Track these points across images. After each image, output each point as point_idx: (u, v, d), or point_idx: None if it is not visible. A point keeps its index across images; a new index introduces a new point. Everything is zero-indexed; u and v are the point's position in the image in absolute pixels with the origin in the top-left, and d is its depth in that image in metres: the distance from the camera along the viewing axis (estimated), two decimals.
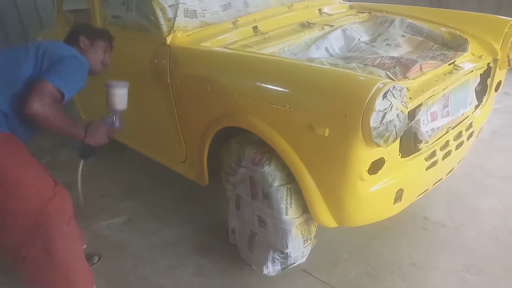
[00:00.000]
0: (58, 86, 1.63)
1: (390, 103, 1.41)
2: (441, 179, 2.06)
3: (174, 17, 2.12)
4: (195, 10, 2.20)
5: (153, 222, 2.60)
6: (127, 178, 3.14)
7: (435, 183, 2.02)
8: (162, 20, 2.13)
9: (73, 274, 1.75)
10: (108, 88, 1.94)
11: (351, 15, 2.59)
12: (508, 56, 2.11)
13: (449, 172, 2.11)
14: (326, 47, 2.18)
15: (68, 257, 1.72)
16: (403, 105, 1.46)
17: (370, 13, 2.59)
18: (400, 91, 1.44)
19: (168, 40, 2.11)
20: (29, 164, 1.65)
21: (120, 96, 1.96)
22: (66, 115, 1.71)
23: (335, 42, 2.23)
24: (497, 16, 2.28)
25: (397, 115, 1.45)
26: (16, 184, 1.56)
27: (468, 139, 2.09)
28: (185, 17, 2.16)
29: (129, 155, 3.13)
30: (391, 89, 1.41)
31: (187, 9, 2.16)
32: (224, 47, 2.06)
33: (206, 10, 2.23)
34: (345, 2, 2.86)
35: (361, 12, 2.62)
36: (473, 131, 2.12)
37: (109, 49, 2.06)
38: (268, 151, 1.79)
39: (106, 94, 1.95)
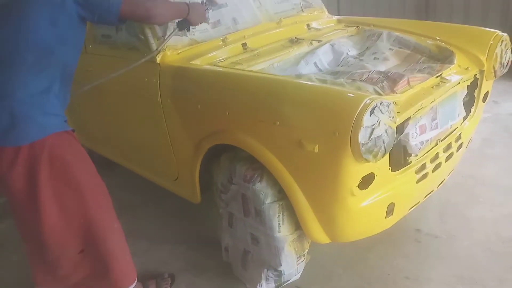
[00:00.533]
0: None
1: (378, 118, 1.43)
2: (432, 191, 2.07)
3: (163, 36, 2.13)
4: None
5: (146, 241, 2.57)
6: (118, 196, 3.07)
7: (426, 195, 2.03)
8: (151, 39, 2.14)
9: (126, 271, 1.80)
10: None
11: (339, 29, 2.62)
12: (494, 67, 2.14)
13: (440, 184, 2.12)
14: (315, 62, 2.20)
15: (119, 253, 1.76)
16: (391, 120, 1.47)
17: (358, 27, 2.62)
18: (388, 106, 1.45)
19: (158, 58, 2.11)
20: (89, 165, 1.70)
21: None
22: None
23: (324, 57, 2.25)
24: (482, 28, 2.32)
25: (385, 130, 1.46)
26: (79, 183, 1.60)
27: (457, 150, 2.10)
28: (175, 35, 2.17)
29: (121, 173, 3.11)
30: (379, 104, 1.42)
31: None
32: (214, 65, 2.08)
33: (196, 28, 2.24)
34: (333, 17, 2.90)
35: (349, 26, 2.66)
36: (462, 142, 2.14)
37: None
38: (259, 168, 1.79)
39: None
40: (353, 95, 1.53)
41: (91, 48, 2.63)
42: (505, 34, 2.17)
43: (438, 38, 2.32)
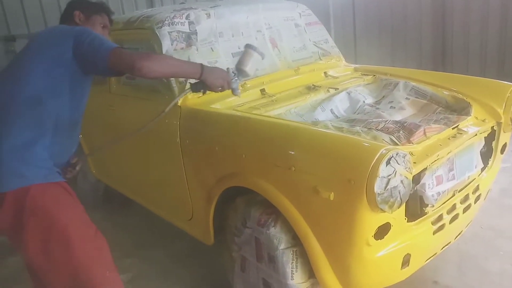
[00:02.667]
0: (113, 47, 1.59)
1: (393, 169, 1.44)
2: (450, 242, 2.03)
3: (186, 80, 2.21)
4: None
5: (157, 281, 2.56)
6: (133, 234, 3.13)
7: (443, 247, 1.99)
8: (174, 82, 2.23)
9: None
10: (246, 47, 1.94)
11: (356, 77, 2.68)
12: (511, 120, 2.14)
13: (457, 236, 2.09)
14: (332, 109, 2.25)
15: None
16: (407, 171, 1.48)
17: (374, 75, 2.68)
18: (404, 157, 1.46)
19: (179, 101, 2.19)
20: (76, 214, 1.64)
21: (254, 59, 1.92)
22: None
23: (340, 104, 2.29)
24: (499, 81, 2.34)
25: (401, 181, 1.46)
26: (63, 234, 1.56)
27: (475, 201, 2.08)
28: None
29: (136, 210, 3.14)
30: (395, 155, 1.44)
31: None
32: (233, 109, 2.13)
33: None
34: (350, 65, 2.97)
35: (365, 75, 2.71)
36: (480, 194, 2.11)
37: (108, 24, 1.95)
38: (274, 213, 1.80)
39: (242, 53, 1.95)
40: (369, 144, 1.55)
41: (114, 89, 2.74)
42: None
43: (454, 89, 2.35)
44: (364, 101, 2.34)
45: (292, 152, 1.68)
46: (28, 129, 1.56)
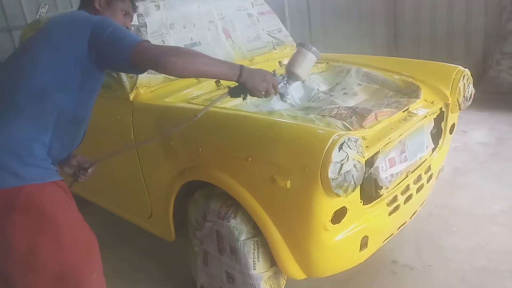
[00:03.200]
0: (138, 41, 1.44)
1: (346, 154, 1.46)
2: (405, 222, 2.10)
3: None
4: None
5: (121, 281, 2.49)
6: (95, 234, 3.03)
7: (399, 227, 2.05)
8: (124, 77, 2.16)
9: None
10: (300, 47, 1.70)
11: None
12: (458, 101, 2.23)
13: (412, 215, 2.16)
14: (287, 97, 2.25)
15: None
16: (359, 155, 1.50)
17: (328, 63, 2.71)
18: (355, 142, 1.49)
19: (131, 96, 2.13)
20: (71, 214, 1.55)
21: (308, 60, 1.69)
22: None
23: (295, 92, 2.31)
24: (446, 63, 2.43)
25: (354, 165, 1.49)
26: (55, 234, 1.45)
27: (428, 181, 2.15)
28: (148, 73, 2.17)
29: (94, 211, 3.05)
30: (347, 140, 1.46)
31: None
32: (187, 102, 2.10)
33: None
34: None
35: (319, 63, 2.73)
36: (432, 173, 2.19)
37: (131, 11, 1.78)
38: (233, 204, 1.79)
39: (295, 53, 1.72)
40: (322, 131, 1.57)
41: None
42: (467, 70, 2.27)
43: (404, 73, 2.42)
44: (318, 89, 2.36)
45: (249, 143, 1.68)
46: (28, 125, 1.43)
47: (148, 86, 2.18)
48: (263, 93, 1.58)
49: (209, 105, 1.64)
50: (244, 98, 1.63)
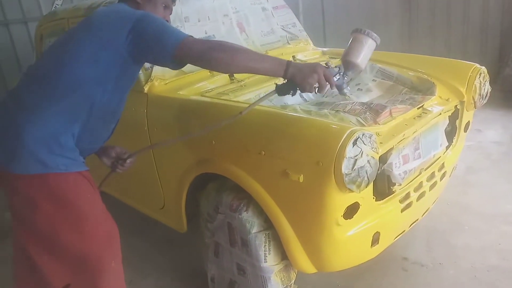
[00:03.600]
0: (183, 38, 1.42)
1: (360, 149, 1.46)
2: (417, 219, 2.09)
3: (152, 67, 2.17)
4: None
5: (130, 271, 2.51)
6: None
7: (411, 224, 2.05)
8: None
9: None
10: (355, 33, 1.55)
11: (324, 61, 2.69)
12: (473, 99, 2.21)
13: (425, 213, 2.15)
14: (300, 92, 2.25)
15: None
16: (373, 151, 1.50)
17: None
18: (370, 137, 1.49)
19: (146, 89, 2.15)
20: (93, 203, 1.59)
21: (367, 47, 1.53)
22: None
23: None
24: (461, 61, 2.40)
25: (368, 161, 1.49)
26: (77, 221, 1.51)
27: (441, 179, 2.14)
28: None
29: (106, 201, 3.08)
30: (361, 136, 1.46)
31: None
32: (201, 95, 2.11)
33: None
34: (318, 49, 2.98)
35: (333, 58, 2.73)
36: (445, 171, 2.18)
37: (171, 4, 1.76)
38: (245, 197, 1.80)
39: (351, 41, 1.57)
40: (336, 126, 1.57)
41: None
42: (483, 67, 2.24)
43: (419, 70, 2.40)
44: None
45: (262, 137, 1.68)
46: (59, 116, 1.45)
47: (163, 78, 2.20)
48: (315, 86, 1.45)
49: (256, 102, 1.58)
50: (293, 95, 1.52)
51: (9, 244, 2.89)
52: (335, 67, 1.52)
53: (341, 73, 1.53)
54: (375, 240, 1.77)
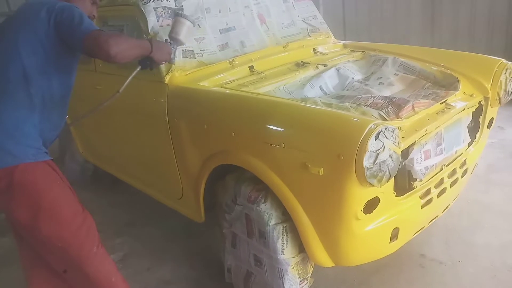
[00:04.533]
0: (91, 30, 1.53)
1: (382, 143, 1.44)
2: (437, 216, 2.06)
3: (173, 58, 2.17)
4: (193, 51, 2.26)
5: (148, 259, 2.57)
6: (122, 214, 3.13)
7: (431, 221, 2.02)
8: None
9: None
10: (177, 16, 1.98)
11: (345, 54, 2.66)
12: (498, 95, 2.16)
13: (444, 209, 2.12)
14: (321, 85, 2.23)
15: (100, 275, 1.72)
16: (395, 146, 1.48)
17: (363, 52, 2.66)
18: (392, 131, 1.47)
19: (167, 79, 2.16)
20: (64, 191, 1.66)
21: (186, 27, 1.97)
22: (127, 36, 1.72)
23: (329, 80, 2.28)
24: (487, 56, 2.35)
25: (390, 156, 1.47)
26: (52, 210, 1.59)
27: (462, 176, 2.11)
28: (183, 57, 2.22)
29: (125, 189, 3.13)
30: (383, 130, 1.44)
31: (185, 49, 2.22)
32: (221, 87, 2.11)
33: (204, 50, 2.29)
34: (339, 42, 2.94)
35: (354, 51, 2.69)
36: (467, 168, 2.14)
37: (97, 1, 1.90)
38: (263, 189, 1.80)
39: (173, 22, 1.98)
40: (358, 119, 1.55)
41: (100, 67, 2.69)
42: (510, 63, 2.19)
43: (443, 64, 2.35)
44: (353, 78, 2.33)
45: (282, 129, 1.68)
46: (18, 107, 1.56)
47: (183, 69, 2.20)
48: (164, 62, 1.92)
49: (128, 79, 1.89)
50: (151, 69, 1.90)
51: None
52: (169, 42, 1.96)
53: (173, 48, 1.97)
54: (394, 235, 1.75)
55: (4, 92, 1.56)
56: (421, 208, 1.83)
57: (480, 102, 2.13)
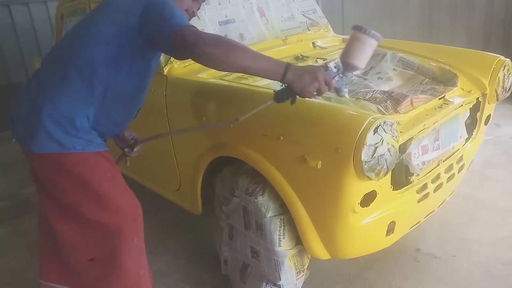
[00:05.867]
0: (182, 25, 1.36)
1: (381, 137, 1.45)
2: (433, 211, 2.08)
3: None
4: None
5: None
6: None
7: (427, 215, 2.04)
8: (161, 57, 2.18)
9: (134, 282, 1.69)
10: (356, 31, 1.41)
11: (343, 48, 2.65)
12: (496, 91, 2.17)
13: (441, 204, 2.14)
14: None
15: (132, 267, 1.66)
16: (394, 140, 1.49)
17: None
18: (391, 125, 1.48)
19: (165, 71, 2.15)
20: (115, 181, 1.61)
21: (366, 47, 1.41)
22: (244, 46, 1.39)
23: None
24: (485, 52, 2.35)
25: (388, 149, 1.48)
26: (105, 198, 1.54)
27: (459, 171, 2.12)
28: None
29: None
30: (382, 124, 1.44)
31: None
32: (220, 79, 2.11)
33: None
34: (338, 36, 2.94)
35: None
36: (464, 164, 2.15)
37: None
38: (261, 181, 1.81)
39: (350, 39, 1.45)
40: (357, 113, 1.56)
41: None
42: (508, 60, 2.20)
43: (441, 60, 2.36)
44: (351, 72, 2.32)
45: (280, 122, 1.68)
46: (74, 98, 1.47)
47: (182, 61, 2.19)
48: (315, 93, 1.40)
49: (253, 111, 1.52)
50: (292, 103, 1.43)
51: (27, 219, 2.98)
52: (335, 67, 1.45)
53: (340, 75, 1.46)
54: (390, 229, 1.76)
55: (66, 79, 1.46)
56: (418, 202, 1.84)
57: (478, 98, 2.14)
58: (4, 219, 3.04)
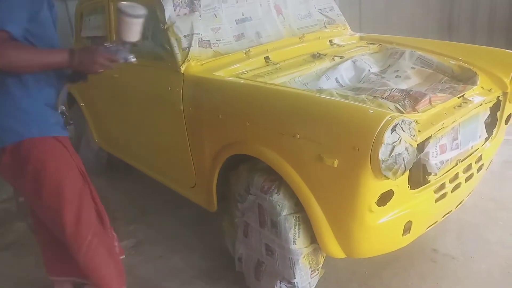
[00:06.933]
0: None
1: (399, 136, 1.43)
2: (451, 211, 2.05)
3: (189, 47, 2.18)
4: (209, 40, 2.26)
5: (161, 247, 2.60)
6: (136, 201, 3.17)
7: (444, 215, 2.01)
8: (177, 50, 2.20)
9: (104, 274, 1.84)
10: (120, 14, 1.60)
11: (361, 46, 2.64)
12: None
13: (458, 205, 2.10)
14: (336, 77, 2.22)
15: (90, 266, 1.79)
16: (411, 139, 1.47)
17: (380, 44, 2.63)
18: (409, 124, 1.46)
19: (182, 68, 2.17)
20: (69, 169, 1.73)
21: (133, 26, 1.60)
22: (32, 46, 1.54)
23: (345, 73, 2.27)
24: (506, 50, 2.31)
25: (406, 148, 1.46)
26: (53, 183, 1.66)
27: (478, 171, 2.08)
28: (199, 47, 2.22)
29: (138, 177, 3.17)
30: (400, 122, 1.43)
31: (202, 39, 2.23)
32: (237, 77, 2.11)
33: (220, 40, 2.30)
34: (355, 34, 2.92)
35: (371, 44, 2.67)
36: (483, 164, 2.12)
37: None
38: (277, 179, 1.81)
39: (118, 20, 1.64)
40: (374, 111, 1.54)
41: None
42: None
43: (461, 58, 2.32)
44: (369, 70, 2.31)
45: (297, 120, 1.68)
46: (12, 88, 1.58)
47: (199, 59, 2.21)
48: (100, 70, 1.60)
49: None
50: (85, 81, 1.76)
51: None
52: (114, 45, 1.64)
53: (121, 48, 1.63)
54: (407, 229, 1.75)
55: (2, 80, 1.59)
56: (435, 202, 1.82)
57: (498, 97, 2.10)
58: (26, 214, 3.10)
